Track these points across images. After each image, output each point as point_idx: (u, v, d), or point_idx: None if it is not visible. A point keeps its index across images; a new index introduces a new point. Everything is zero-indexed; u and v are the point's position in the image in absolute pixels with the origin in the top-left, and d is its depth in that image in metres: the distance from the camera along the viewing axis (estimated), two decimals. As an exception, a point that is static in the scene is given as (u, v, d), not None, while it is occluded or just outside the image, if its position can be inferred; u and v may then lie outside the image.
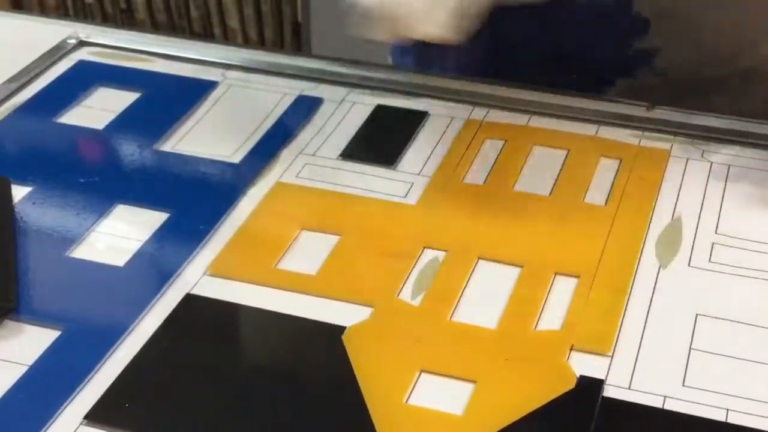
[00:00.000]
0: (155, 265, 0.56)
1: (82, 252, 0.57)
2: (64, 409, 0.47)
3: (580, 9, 0.74)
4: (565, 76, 0.73)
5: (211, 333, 0.53)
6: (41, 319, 0.52)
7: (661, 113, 0.68)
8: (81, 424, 0.47)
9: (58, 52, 0.75)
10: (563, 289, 0.55)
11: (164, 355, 0.51)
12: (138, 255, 0.57)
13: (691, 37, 0.73)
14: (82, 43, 0.76)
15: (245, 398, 0.49)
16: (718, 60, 0.74)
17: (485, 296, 0.54)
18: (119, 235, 0.59)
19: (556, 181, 0.63)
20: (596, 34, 0.75)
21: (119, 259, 0.56)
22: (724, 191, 0.62)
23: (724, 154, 0.65)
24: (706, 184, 0.62)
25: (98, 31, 0.78)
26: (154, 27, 1.98)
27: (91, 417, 0.47)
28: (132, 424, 0.47)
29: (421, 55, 0.77)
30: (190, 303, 0.54)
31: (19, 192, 0.61)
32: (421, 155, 0.65)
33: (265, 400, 0.49)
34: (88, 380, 0.49)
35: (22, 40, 0.77)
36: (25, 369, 0.49)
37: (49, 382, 0.49)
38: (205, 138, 0.67)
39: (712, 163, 0.64)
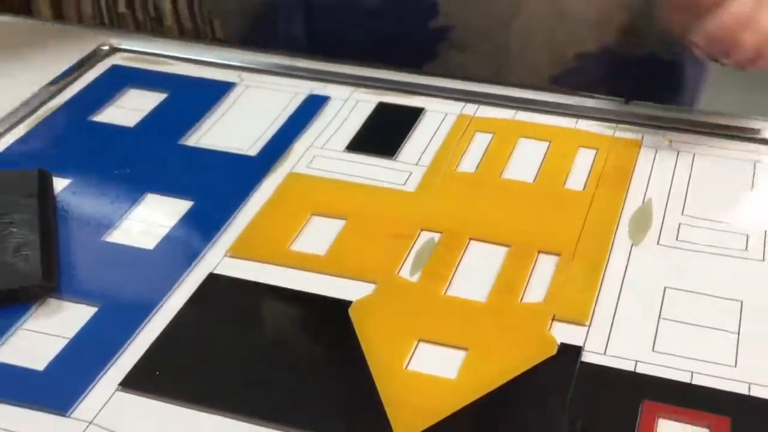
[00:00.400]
0: (181, 247, 0.56)
1: (116, 237, 0.57)
2: (102, 377, 0.48)
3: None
4: (380, 56, 0.74)
5: (232, 308, 0.53)
6: (80, 296, 0.52)
7: (633, 107, 0.68)
8: (117, 390, 0.47)
9: (93, 57, 0.75)
10: (546, 266, 0.54)
11: (190, 328, 0.51)
12: (166, 239, 0.57)
13: (477, 10, 0.74)
14: (114, 50, 0.76)
15: (262, 365, 0.49)
16: (502, 26, 0.75)
17: (476, 273, 0.54)
18: (149, 221, 0.58)
19: (539, 169, 0.62)
20: (394, 19, 0.76)
21: (149, 243, 0.56)
22: (689, 177, 0.62)
23: (689, 144, 0.64)
24: (674, 171, 0.62)
25: (129, 38, 0.77)
26: (181, 33, 1.98)
27: (126, 384, 0.47)
28: (162, 389, 0.47)
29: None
30: (213, 281, 0.54)
31: (59, 184, 0.61)
32: (418, 147, 0.65)
33: (279, 367, 0.49)
34: (123, 351, 0.49)
35: (61, 47, 0.76)
36: (66, 342, 0.50)
37: (88, 353, 0.49)
38: (225, 133, 0.66)
39: (679, 151, 0.64)
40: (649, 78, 0.77)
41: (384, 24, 0.76)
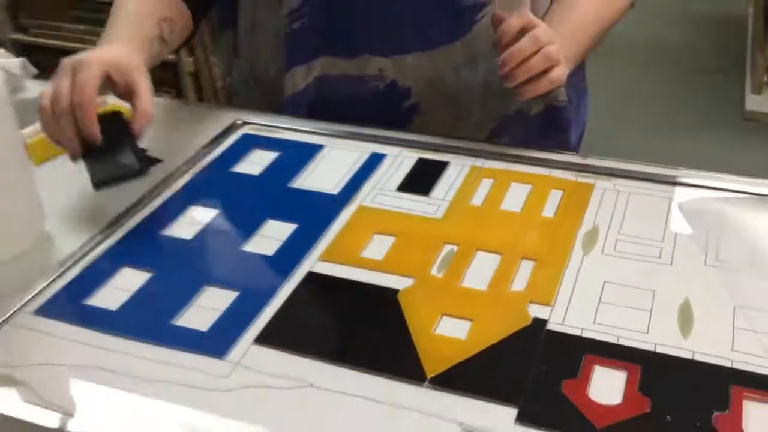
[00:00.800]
0: (290, 254, 0.59)
1: (248, 247, 0.60)
2: (243, 335, 0.52)
3: (361, 88, 0.76)
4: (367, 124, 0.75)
5: (324, 295, 0.56)
6: (227, 285, 0.56)
7: (589, 161, 0.69)
8: (252, 343, 0.51)
9: (231, 129, 0.76)
10: (526, 267, 0.57)
11: (297, 307, 0.54)
12: (280, 249, 0.59)
13: (437, 91, 0.76)
14: (245, 123, 0.77)
15: (343, 330, 0.52)
16: (453, 98, 0.77)
17: (480, 271, 0.57)
18: (269, 237, 0.61)
19: (524, 203, 0.64)
20: (377, 107, 0.77)
21: (270, 251, 0.59)
22: (625, 208, 0.63)
23: (627, 186, 0.66)
24: (615, 204, 0.64)
25: (254, 115, 0.79)
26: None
27: (258, 340, 0.51)
28: (281, 343, 0.51)
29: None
30: (311, 277, 0.56)
31: (209, 214, 0.64)
32: (444, 188, 0.66)
33: (354, 330, 0.52)
34: (255, 320, 0.53)
35: (210, 123, 0.77)
36: (219, 313, 0.54)
37: (233, 320, 0.53)
38: (318, 179, 0.68)
39: (619, 191, 0.65)
40: (545, 125, 0.78)
41: (371, 108, 0.76)
